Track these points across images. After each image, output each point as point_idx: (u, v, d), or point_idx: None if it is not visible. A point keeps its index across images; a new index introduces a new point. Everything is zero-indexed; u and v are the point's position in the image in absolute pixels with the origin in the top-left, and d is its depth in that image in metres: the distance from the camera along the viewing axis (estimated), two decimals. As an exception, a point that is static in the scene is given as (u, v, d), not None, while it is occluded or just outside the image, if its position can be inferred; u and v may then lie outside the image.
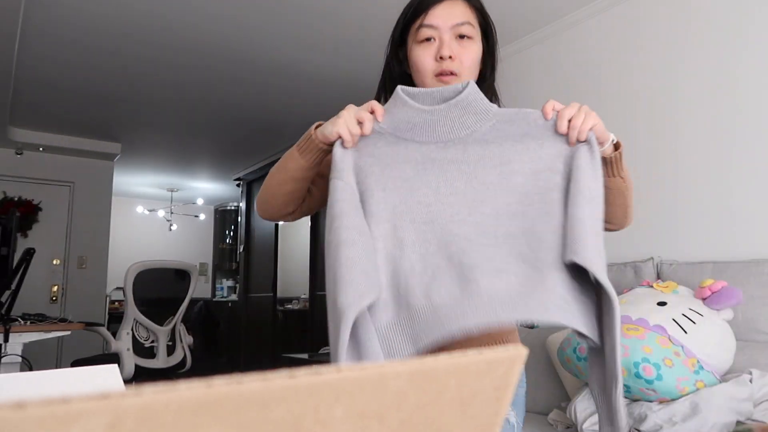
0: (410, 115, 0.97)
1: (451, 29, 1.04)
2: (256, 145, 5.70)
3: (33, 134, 5.19)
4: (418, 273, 0.91)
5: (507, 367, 0.29)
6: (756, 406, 1.68)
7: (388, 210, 0.96)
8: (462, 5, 1.06)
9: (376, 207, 0.96)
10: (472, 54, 1.05)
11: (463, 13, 1.05)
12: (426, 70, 1.05)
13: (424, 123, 0.97)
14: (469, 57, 1.05)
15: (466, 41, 1.05)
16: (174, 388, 0.19)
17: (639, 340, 1.73)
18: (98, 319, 5.41)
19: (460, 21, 1.04)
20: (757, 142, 2.26)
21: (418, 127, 0.98)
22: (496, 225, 0.93)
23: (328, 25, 3.21)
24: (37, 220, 5.42)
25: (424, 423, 0.26)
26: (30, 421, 0.17)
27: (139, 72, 3.89)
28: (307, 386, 0.21)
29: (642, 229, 2.61)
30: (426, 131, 0.98)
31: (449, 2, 1.05)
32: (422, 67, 1.05)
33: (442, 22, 1.03)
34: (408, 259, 0.93)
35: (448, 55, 1.02)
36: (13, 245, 2.66)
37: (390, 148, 0.99)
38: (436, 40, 1.04)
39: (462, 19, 1.04)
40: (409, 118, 0.98)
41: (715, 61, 2.42)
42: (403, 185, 0.96)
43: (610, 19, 2.87)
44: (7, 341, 2.45)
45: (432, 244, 0.93)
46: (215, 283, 8.58)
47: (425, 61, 1.04)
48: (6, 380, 0.63)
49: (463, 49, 1.04)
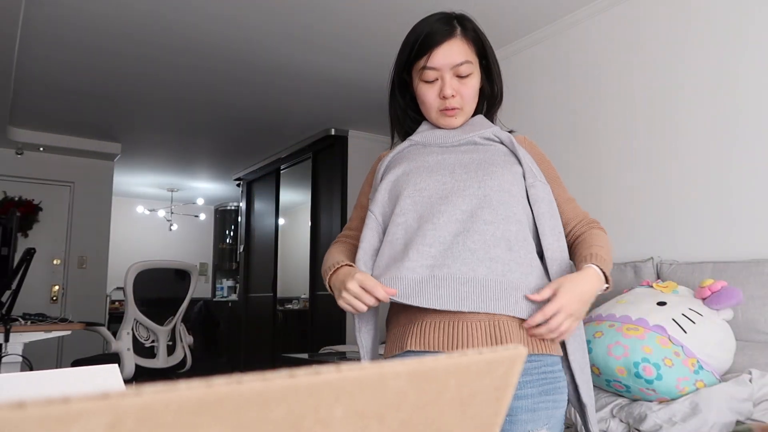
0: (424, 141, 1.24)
1: (451, 69, 1.17)
2: (256, 145, 5.70)
3: (33, 134, 5.19)
4: (428, 243, 1.06)
5: (507, 367, 0.29)
6: (756, 406, 1.68)
7: (410, 188, 1.14)
8: (460, 44, 1.18)
9: (400, 189, 1.15)
10: (471, 90, 1.20)
11: (461, 52, 1.17)
12: (431, 106, 1.21)
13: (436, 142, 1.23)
14: (469, 92, 1.20)
15: (466, 78, 1.19)
16: (174, 388, 0.19)
17: (639, 340, 1.73)
18: (98, 319, 5.41)
19: (459, 62, 1.17)
20: (756, 142, 2.26)
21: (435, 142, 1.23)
22: (499, 203, 1.09)
23: (328, 25, 3.21)
24: (37, 220, 5.42)
25: (424, 423, 0.26)
26: (30, 421, 0.17)
27: (139, 72, 3.89)
28: (307, 386, 0.21)
29: (642, 229, 2.61)
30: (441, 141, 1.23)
31: (449, 43, 1.17)
32: (428, 104, 1.21)
33: (442, 64, 1.17)
34: (422, 230, 1.08)
35: (450, 94, 1.17)
36: (13, 245, 2.67)
37: (417, 149, 1.23)
38: (439, 80, 1.18)
39: (460, 60, 1.17)
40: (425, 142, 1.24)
41: (715, 61, 2.42)
42: (425, 169, 1.16)
43: (610, 19, 2.87)
44: (8, 341, 2.45)
45: (444, 216, 1.08)
46: (215, 283, 8.58)
47: (430, 99, 1.20)
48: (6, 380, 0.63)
49: (463, 86, 1.19)
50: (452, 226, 1.06)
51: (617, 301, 1.98)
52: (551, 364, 1.06)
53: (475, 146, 1.19)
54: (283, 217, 6.17)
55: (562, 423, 1.09)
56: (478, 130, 1.20)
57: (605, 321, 1.88)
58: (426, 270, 1.05)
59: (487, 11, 2.97)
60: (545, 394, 1.04)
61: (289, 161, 5.77)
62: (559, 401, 1.06)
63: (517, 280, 1.04)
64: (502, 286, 1.03)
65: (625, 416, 1.75)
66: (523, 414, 1.02)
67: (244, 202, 6.75)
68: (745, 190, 2.27)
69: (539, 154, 1.25)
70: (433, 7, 1.41)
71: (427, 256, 1.05)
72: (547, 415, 1.04)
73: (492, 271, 1.04)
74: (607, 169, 2.77)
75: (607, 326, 1.84)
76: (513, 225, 1.08)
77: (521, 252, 1.07)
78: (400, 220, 1.12)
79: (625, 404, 1.80)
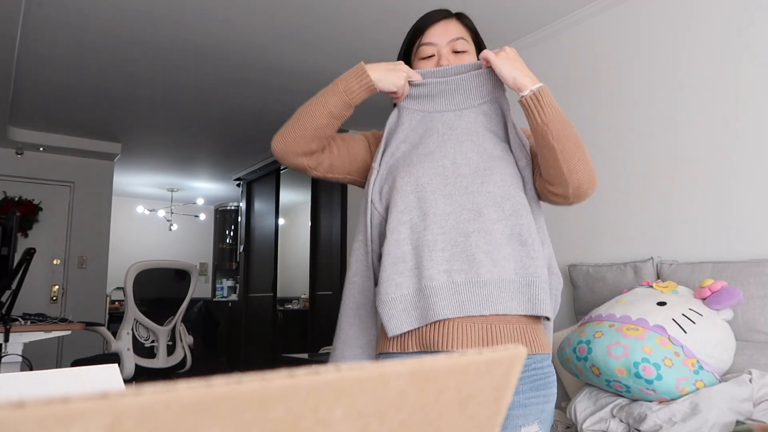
0: (428, 89, 1.18)
1: (447, 44, 1.19)
2: (256, 145, 5.70)
3: (33, 134, 5.19)
4: (440, 248, 1.04)
5: (506, 368, 0.29)
6: (756, 406, 1.68)
7: (412, 183, 1.09)
8: (456, 24, 1.22)
9: (401, 181, 1.10)
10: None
11: (457, 30, 1.21)
12: None
13: (442, 93, 1.17)
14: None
15: (462, 54, 1.20)
16: (174, 388, 0.19)
17: (639, 340, 1.73)
18: (98, 319, 5.41)
19: (455, 37, 1.19)
20: (756, 142, 2.26)
21: (437, 97, 1.18)
22: (504, 198, 1.07)
23: (328, 25, 3.21)
24: (37, 220, 5.42)
25: (423, 423, 0.26)
26: (30, 421, 0.17)
27: (139, 72, 3.89)
28: (306, 386, 0.21)
29: (642, 229, 2.61)
30: (445, 100, 1.18)
31: (445, 22, 1.21)
32: None
33: (439, 39, 1.19)
34: (431, 231, 1.05)
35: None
36: (13, 245, 2.67)
37: (418, 124, 1.18)
38: (435, 56, 1.20)
39: (456, 35, 1.20)
40: (428, 92, 1.18)
41: (715, 60, 2.42)
42: (426, 158, 1.12)
43: (610, 18, 2.87)
44: (8, 341, 2.45)
45: (451, 218, 1.06)
46: (215, 283, 8.58)
47: None
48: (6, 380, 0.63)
49: (459, 61, 1.20)
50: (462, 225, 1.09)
51: (617, 302, 1.98)
52: (541, 361, 1.09)
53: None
54: (283, 217, 6.18)
55: (552, 416, 1.12)
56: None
57: (605, 321, 1.88)
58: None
59: (487, 11, 2.97)
60: (536, 389, 1.06)
61: (289, 161, 5.76)
62: (549, 396, 1.09)
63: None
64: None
65: (625, 416, 1.75)
66: (514, 409, 1.04)
67: (244, 202, 6.75)
68: (745, 190, 2.27)
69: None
70: (431, 9, 1.41)
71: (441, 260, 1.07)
72: (538, 410, 1.06)
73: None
74: (607, 169, 2.77)
75: (607, 326, 1.84)
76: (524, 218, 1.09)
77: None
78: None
79: (625, 404, 1.80)
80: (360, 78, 1.12)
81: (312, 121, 1.12)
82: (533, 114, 1.07)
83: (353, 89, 1.12)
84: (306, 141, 1.13)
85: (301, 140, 1.13)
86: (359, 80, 1.12)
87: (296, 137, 1.13)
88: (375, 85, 1.12)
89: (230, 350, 6.98)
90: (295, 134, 1.13)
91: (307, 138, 1.13)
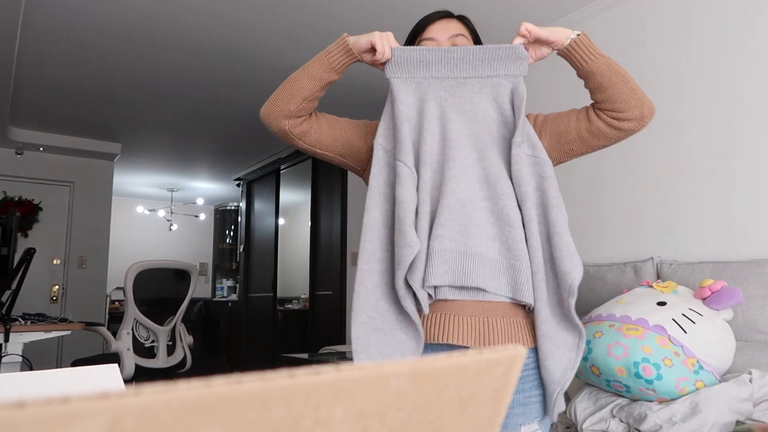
0: (422, 54, 1.14)
1: (448, 39, 1.20)
2: (256, 145, 5.70)
3: (33, 134, 5.19)
4: (456, 210, 1.05)
5: (506, 368, 0.29)
6: (756, 406, 1.68)
7: (429, 152, 1.09)
8: (456, 23, 1.24)
9: (420, 151, 1.10)
10: None
11: (457, 27, 1.23)
12: None
13: (439, 60, 1.14)
14: None
15: None
16: (174, 388, 0.19)
17: (639, 340, 1.73)
18: (98, 319, 5.41)
19: (455, 33, 1.21)
20: (757, 142, 2.26)
21: (432, 64, 1.14)
22: (498, 173, 1.07)
23: (328, 25, 3.21)
24: (37, 220, 5.42)
25: (423, 423, 0.26)
26: (30, 421, 0.17)
27: (139, 72, 3.89)
28: (306, 386, 0.21)
29: (642, 229, 2.61)
30: (445, 67, 1.14)
31: (446, 20, 1.23)
32: None
33: (439, 35, 1.21)
34: (447, 197, 1.06)
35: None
36: (13, 245, 2.66)
37: (418, 91, 1.15)
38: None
39: (456, 32, 1.21)
40: (421, 57, 1.14)
41: (717, 61, 2.42)
42: (432, 124, 1.12)
43: (610, 18, 2.87)
44: (8, 341, 2.45)
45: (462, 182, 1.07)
46: (215, 283, 8.58)
47: None
48: (6, 380, 0.63)
49: None
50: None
51: (617, 301, 1.98)
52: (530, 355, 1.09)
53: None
54: (283, 217, 6.17)
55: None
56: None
57: (605, 321, 1.88)
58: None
59: (487, 12, 2.97)
60: (536, 388, 1.06)
61: (289, 161, 5.77)
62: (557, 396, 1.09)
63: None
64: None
65: (625, 416, 1.75)
66: (514, 408, 1.04)
67: (244, 202, 6.75)
68: (745, 191, 2.27)
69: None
70: (432, 8, 1.41)
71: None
72: (538, 409, 1.06)
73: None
74: (608, 169, 2.77)
75: (607, 326, 1.84)
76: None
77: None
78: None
79: (625, 404, 1.80)
80: (338, 41, 1.19)
81: (294, 84, 1.20)
82: (589, 51, 1.14)
83: (331, 50, 1.19)
84: (285, 101, 1.20)
85: (281, 101, 1.20)
86: (337, 43, 1.19)
87: (277, 98, 1.21)
88: (351, 46, 1.17)
89: (230, 350, 6.98)
90: (277, 96, 1.21)
91: (286, 97, 1.20)
